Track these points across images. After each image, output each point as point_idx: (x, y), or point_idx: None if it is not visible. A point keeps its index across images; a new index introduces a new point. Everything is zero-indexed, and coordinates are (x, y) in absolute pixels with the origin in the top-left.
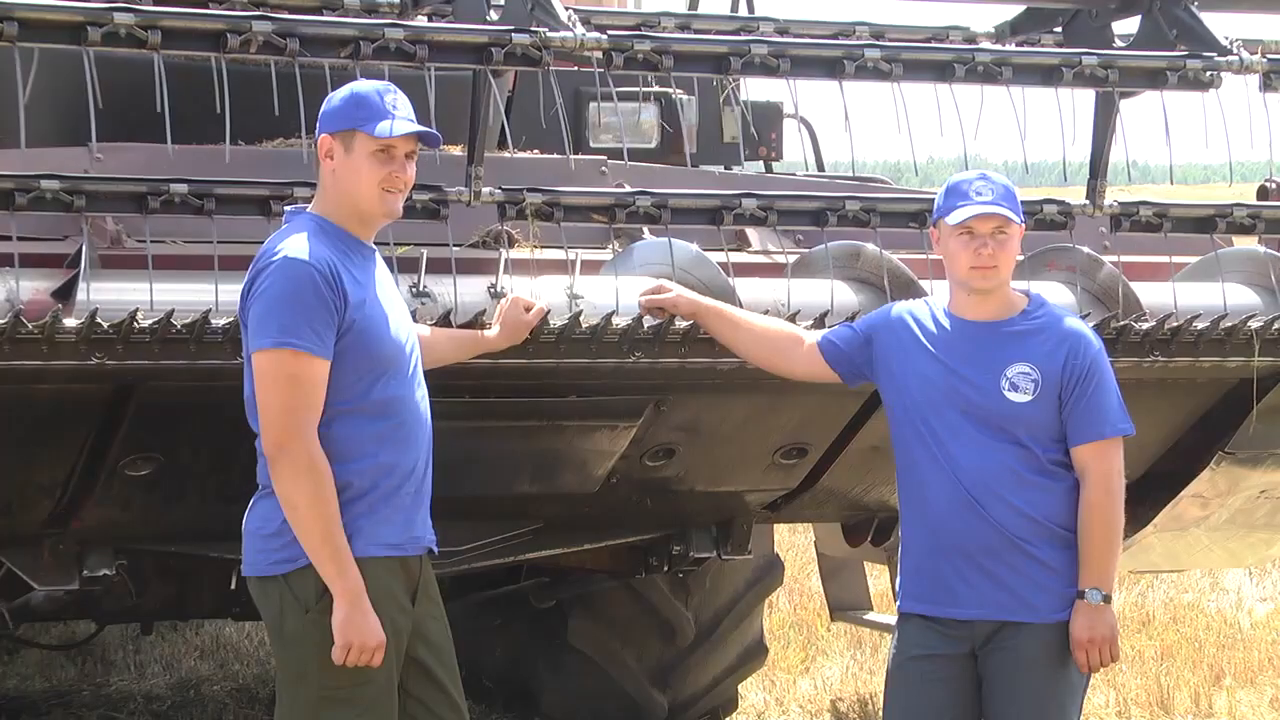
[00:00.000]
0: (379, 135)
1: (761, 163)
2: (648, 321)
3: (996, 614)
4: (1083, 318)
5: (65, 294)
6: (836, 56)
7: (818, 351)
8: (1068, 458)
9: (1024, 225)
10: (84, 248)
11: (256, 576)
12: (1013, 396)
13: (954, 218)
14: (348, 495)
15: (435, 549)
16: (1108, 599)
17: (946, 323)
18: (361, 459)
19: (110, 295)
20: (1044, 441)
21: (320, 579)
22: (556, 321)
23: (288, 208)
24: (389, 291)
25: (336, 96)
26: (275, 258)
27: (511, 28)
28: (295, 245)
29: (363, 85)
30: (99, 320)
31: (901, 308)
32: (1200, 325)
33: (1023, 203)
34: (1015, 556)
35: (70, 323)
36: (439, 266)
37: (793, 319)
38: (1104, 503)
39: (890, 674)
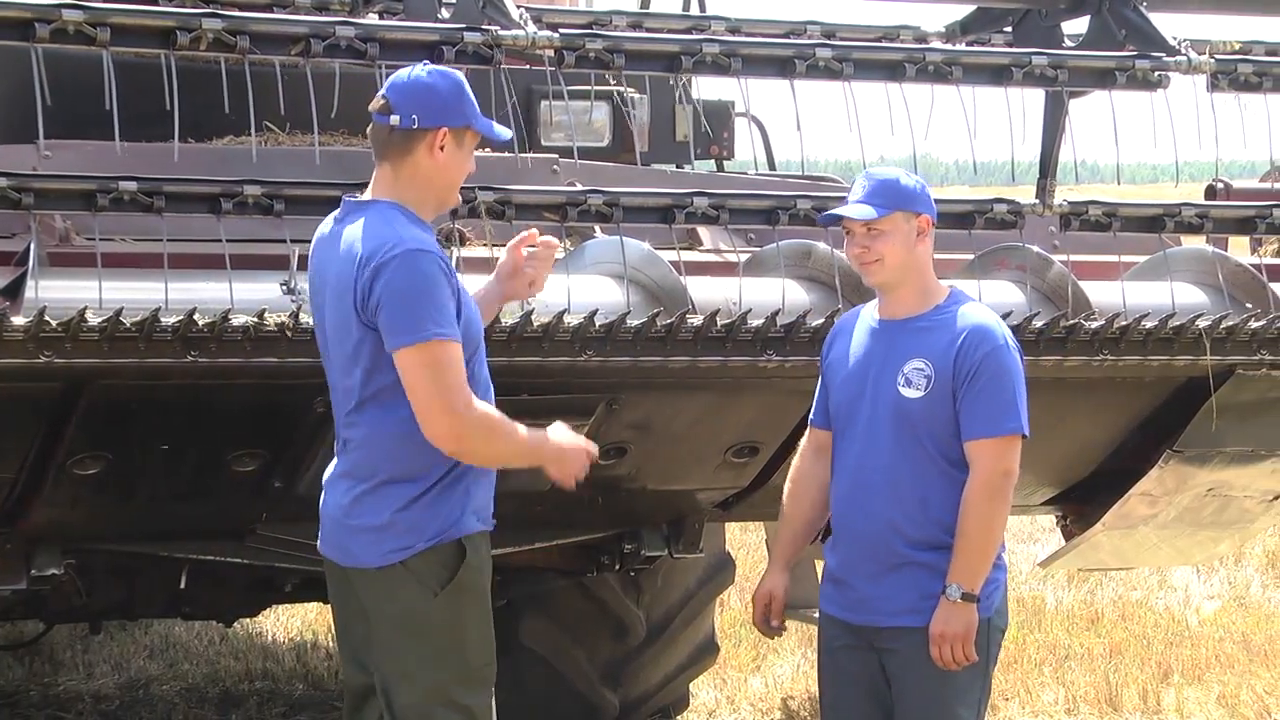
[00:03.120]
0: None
1: (713, 161)
2: (599, 320)
3: (887, 620)
4: (1004, 316)
5: (13, 292)
6: (788, 56)
7: (820, 435)
8: None
9: (918, 215)
10: (32, 245)
11: (375, 568)
12: (906, 392)
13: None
14: (460, 470)
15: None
16: (968, 597)
17: (872, 323)
18: None
19: (59, 293)
20: (942, 438)
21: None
22: (508, 320)
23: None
24: None
25: (440, 86)
26: (396, 251)
27: (463, 26)
28: (410, 236)
29: (458, 75)
30: (47, 318)
31: (844, 319)
32: (1148, 324)
33: (972, 201)
34: (905, 559)
35: (18, 321)
36: None
37: (744, 318)
38: (981, 501)
39: (818, 665)
